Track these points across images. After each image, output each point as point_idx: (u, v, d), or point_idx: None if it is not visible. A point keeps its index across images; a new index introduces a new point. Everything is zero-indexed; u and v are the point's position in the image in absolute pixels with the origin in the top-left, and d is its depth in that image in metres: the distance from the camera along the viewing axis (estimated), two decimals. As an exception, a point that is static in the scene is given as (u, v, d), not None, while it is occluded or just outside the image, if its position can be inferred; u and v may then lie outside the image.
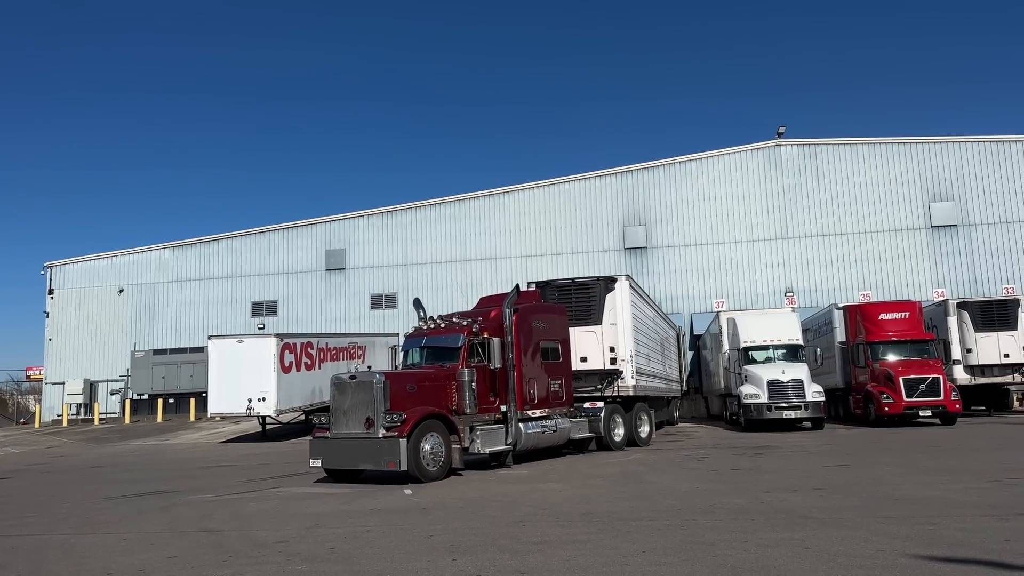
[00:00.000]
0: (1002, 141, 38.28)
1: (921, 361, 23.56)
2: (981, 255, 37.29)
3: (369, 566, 6.91)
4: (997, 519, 7.97)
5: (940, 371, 23.16)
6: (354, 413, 13.38)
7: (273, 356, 26.68)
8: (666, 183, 40.25)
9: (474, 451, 14.23)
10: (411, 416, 12.99)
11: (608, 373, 18.33)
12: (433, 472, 13.14)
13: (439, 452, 13.32)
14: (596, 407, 17.74)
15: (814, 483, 11.31)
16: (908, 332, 24.44)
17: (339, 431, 13.56)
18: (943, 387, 22.65)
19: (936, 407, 22.54)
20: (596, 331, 18.43)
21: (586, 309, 18.57)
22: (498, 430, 14.80)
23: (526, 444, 15.27)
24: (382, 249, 42.26)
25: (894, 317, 24.70)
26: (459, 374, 14.18)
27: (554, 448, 16.88)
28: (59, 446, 29.52)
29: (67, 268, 45.26)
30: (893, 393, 22.78)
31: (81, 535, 9.31)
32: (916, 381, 22.68)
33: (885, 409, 22.74)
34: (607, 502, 10.21)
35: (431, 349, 15.20)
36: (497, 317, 15.27)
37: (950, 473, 11.97)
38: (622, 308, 18.61)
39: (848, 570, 6.10)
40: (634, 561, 6.68)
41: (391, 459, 12.75)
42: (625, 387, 18.41)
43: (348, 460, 13.42)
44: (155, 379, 39.32)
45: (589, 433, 17.51)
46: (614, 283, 18.76)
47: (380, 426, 12.97)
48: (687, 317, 37.86)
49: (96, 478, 17.16)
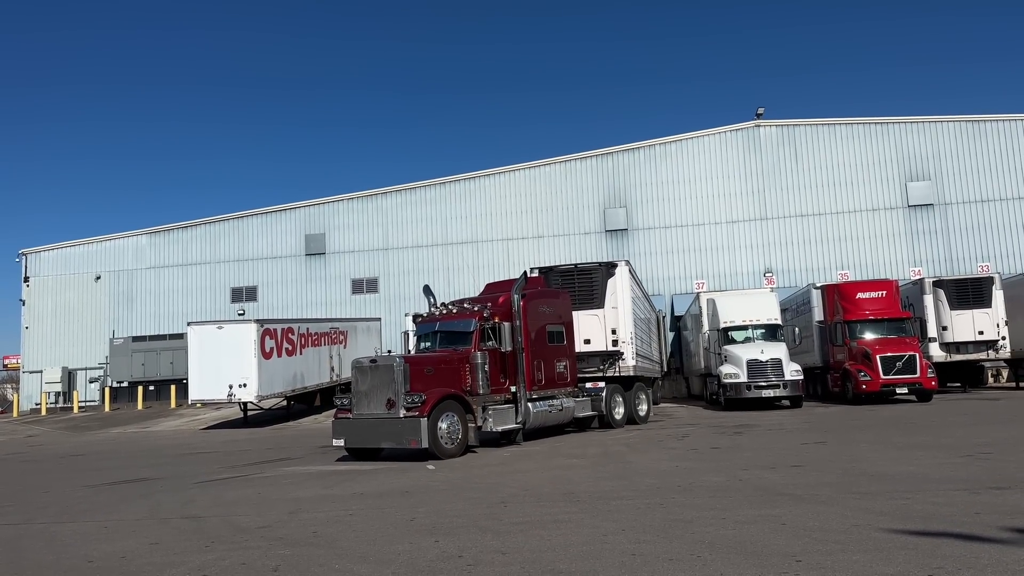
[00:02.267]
0: (978, 121, 38.67)
1: (898, 339, 23.84)
2: (957, 234, 37.76)
3: (352, 549, 6.95)
4: (969, 493, 8.13)
5: (916, 349, 23.39)
6: (375, 394, 14.13)
7: (253, 342, 26.55)
8: (646, 165, 40.32)
9: (487, 429, 15.09)
10: (430, 397, 13.78)
11: (610, 354, 19.17)
12: (451, 449, 13.90)
13: (456, 430, 14.09)
14: (598, 387, 18.63)
15: (792, 460, 11.47)
16: (885, 311, 24.66)
17: (361, 412, 14.28)
18: (919, 365, 22.92)
19: (913, 384, 22.84)
20: (598, 314, 19.22)
21: (588, 293, 19.35)
22: (508, 409, 15.61)
23: (534, 422, 16.12)
24: (363, 233, 42.08)
25: (871, 296, 24.94)
26: (472, 357, 14.99)
27: (559, 426, 17.60)
28: (38, 435, 29.28)
29: (43, 255, 44.68)
30: (870, 371, 23.03)
31: (61, 523, 9.28)
32: (893, 359, 22.93)
33: (863, 387, 22.99)
34: (589, 481, 10.31)
35: (444, 333, 15.95)
36: (505, 302, 16.08)
37: (924, 449, 12.19)
38: (622, 292, 19.43)
39: (823, 544, 6.21)
40: (614, 539, 6.76)
41: (413, 437, 13.55)
42: (626, 367, 19.27)
43: (370, 439, 14.21)
44: (135, 366, 39.03)
45: (592, 412, 18.34)
46: (615, 268, 19.54)
47: (401, 406, 13.74)
48: (668, 298, 38.08)
49: (76, 467, 17.06)
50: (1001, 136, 38.28)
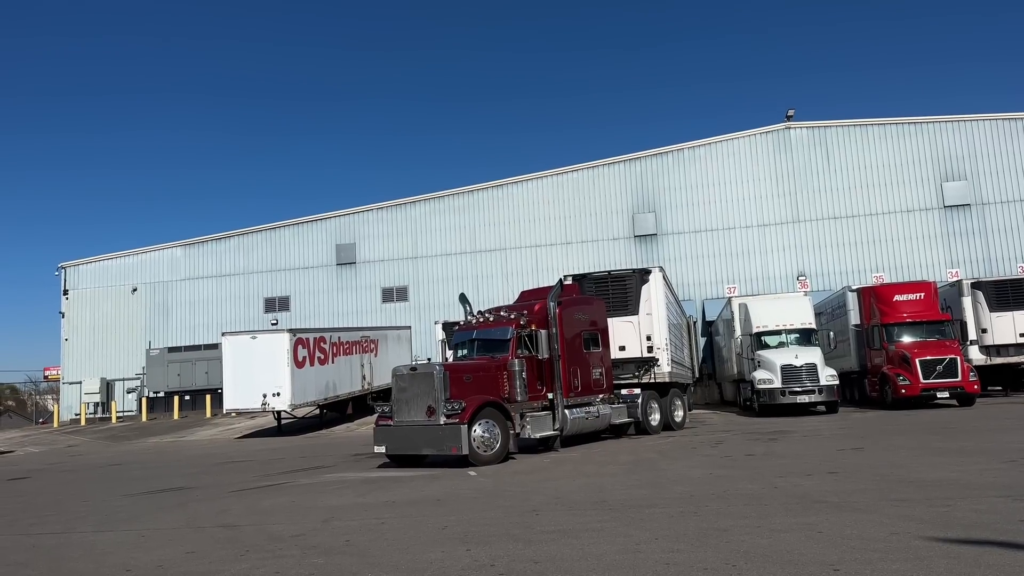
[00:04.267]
0: (1014, 119, 37.83)
1: (937, 342, 23.20)
2: (995, 234, 36.95)
3: (384, 558, 6.97)
4: (1012, 500, 7.94)
5: (957, 352, 22.75)
6: (415, 402, 14.35)
7: (286, 351, 26.81)
8: (675, 169, 40.06)
9: (525, 436, 15.16)
10: (470, 404, 14.00)
11: (645, 361, 19.20)
12: (491, 456, 14.09)
13: (495, 437, 14.28)
14: (634, 393, 18.61)
15: (828, 467, 11.29)
16: (923, 313, 24.02)
17: (401, 419, 14.52)
18: (960, 368, 22.29)
19: (954, 388, 22.18)
20: (633, 321, 19.27)
21: (623, 300, 19.40)
22: (545, 416, 15.70)
23: (571, 429, 16.17)
24: (392, 242, 42.33)
25: (909, 298, 24.31)
26: (510, 364, 15.16)
27: (595, 433, 17.61)
28: (77, 445, 29.83)
29: (81, 268, 45.60)
30: (909, 375, 22.43)
31: (100, 532, 9.43)
32: (933, 363, 22.34)
33: (902, 391, 22.40)
34: (622, 489, 10.24)
35: (481, 341, 16.11)
36: (541, 310, 16.18)
37: (965, 455, 11.92)
38: (656, 299, 19.47)
39: (862, 553, 6.10)
40: (647, 548, 6.70)
41: (453, 444, 13.76)
42: (661, 374, 19.25)
43: (411, 446, 14.43)
44: (171, 376, 39.64)
45: (628, 418, 18.31)
46: (648, 275, 19.60)
47: (441, 413, 13.94)
48: (699, 303, 37.74)
49: (114, 476, 17.34)
50: (1039, 134, 37.42)
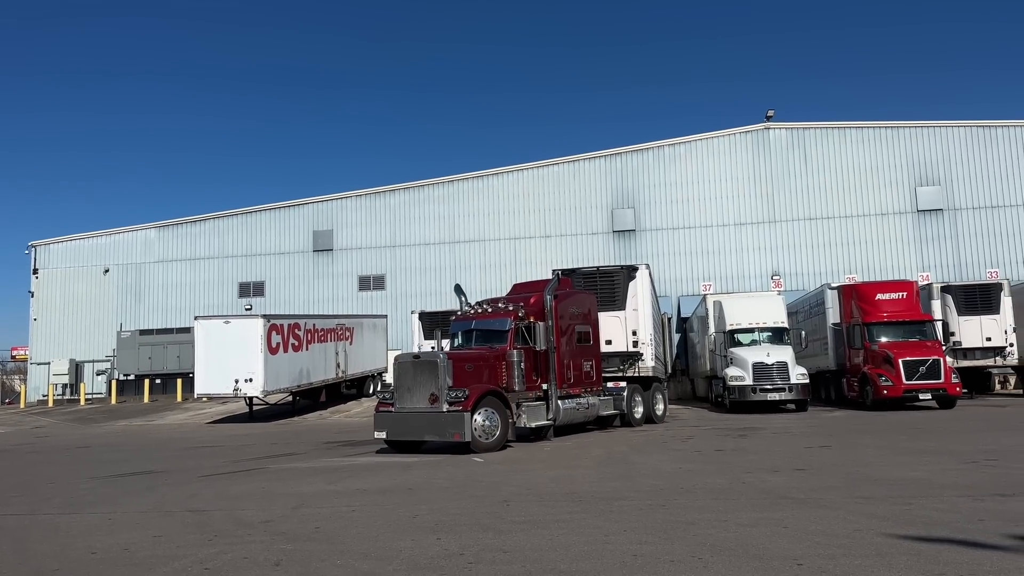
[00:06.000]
0: (988, 126, 38.48)
1: (920, 343, 22.96)
2: (966, 239, 37.59)
3: (354, 545, 6.97)
4: (972, 499, 8.10)
5: (940, 353, 22.53)
6: (418, 390, 14.58)
7: (260, 337, 26.59)
8: (655, 166, 40.25)
9: (520, 425, 15.51)
10: (473, 392, 14.34)
11: (630, 355, 19.76)
12: (489, 443, 14.36)
13: (495, 425, 14.59)
14: (619, 387, 19.13)
15: (796, 464, 11.45)
16: (906, 312, 23.76)
17: (403, 406, 14.75)
18: (943, 369, 22.06)
19: (936, 390, 21.96)
20: (620, 316, 19.81)
21: (610, 295, 19.85)
22: (540, 406, 16.06)
23: (564, 419, 16.57)
24: (370, 231, 42.14)
25: (891, 297, 24.08)
26: (509, 355, 15.53)
27: (582, 424, 17.98)
28: (45, 426, 29.43)
29: (52, 248, 44.90)
30: (892, 376, 22.17)
31: (66, 515, 9.33)
32: (916, 363, 22.07)
33: (883, 392, 22.12)
34: (592, 482, 10.32)
35: (480, 332, 16.40)
36: (537, 302, 16.59)
37: (930, 455, 12.15)
38: (643, 295, 19.98)
39: (825, 548, 6.20)
40: (616, 540, 6.77)
41: (456, 431, 14.04)
42: (645, 368, 19.86)
43: (413, 432, 14.68)
44: (141, 359, 39.20)
45: (614, 411, 18.80)
46: (636, 272, 20.17)
47: (444, 401, 14.22)
48: (674, 300, 38.02)
49: (82, 458, 17.13)
50: (1011, 142, 38.06)
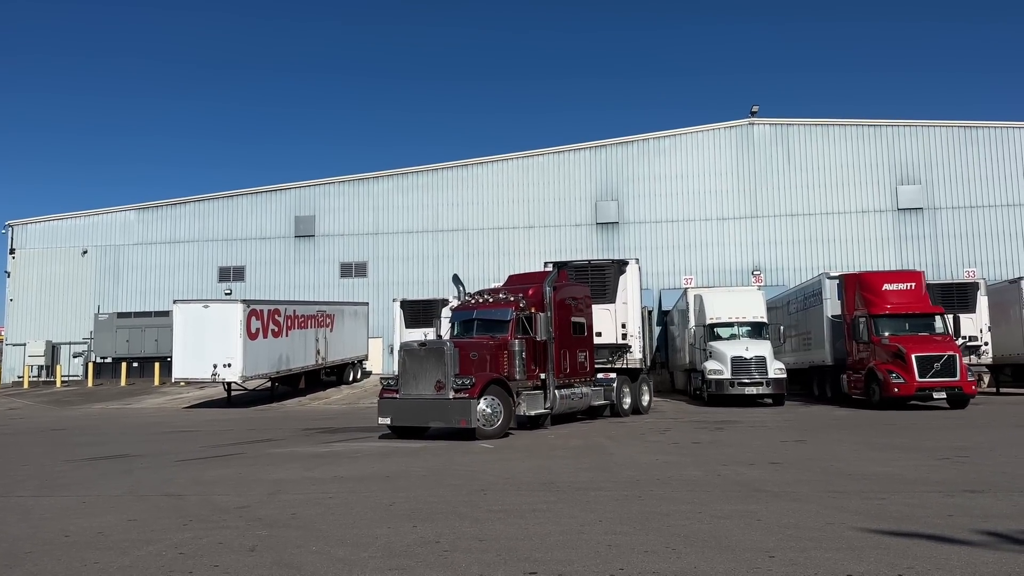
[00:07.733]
0: (969, 127, 38.86)
1: (933, 337, 21.42)
2: (945, 239, 38.00)
3: (330, 532, 6.97)
4: (943, 495, 8.23)
5: (955, 348, 20.93)
6: (424, 377, 14.80)
7: (239, 322, 26.47)
8: (639, 159, 40.32)
9: (519, 413, 15.78)
10: (479, 380, 14.64)
11: (619, 347, 20.27)
12: (491, 431, 14.68)
13: (499, 412, 14.92)
14: (610, 378, 19.66)
15: (771, 457, 11.57)
16: (915, 304, 22.18)
17: (408, 392, 14.99)
18: (959, 367, 20.52)
19: (952, 388, 20.38)
20: (610, 309, 20.24)
21: (601, 288, 20.30)
22: (538, 395, 16.43)
23: (560, 408, 17.01)
24: (353, 217, 41.92)
25: (899, 287, 22.48)
26: (510, 344, 15.90)
27: (572, 413, 18.31)
28: (19, 408, 29.14)
29: (29, 228, 44.32)
30: (904, 372, 20.46)
31: (40, 498, 9.26)
32: (930, 359, 20.45)
33: (895, 390, 20.41)
34: (569, 473, 10.37)
35: (481, 321, 16.67)
36: (536, 293, 16.86)
37: (903, 450, 12.31)
38: (632, 289, 20.57)
39: (797, 541, 6.28)
40: (591, 530, 6.82)
41: (462, 417, 14.33)
42: (633, 360, 20.44)
43: (418, 418, 15.02)
44: (119, 342, 38.87)
45: (604, 401, 19.29)
46: (626, 266, 20.80)
47: (450, 388, 14.48)
48: (656, 293, 38.16)
49: (57, 441, 17.00)
50: (991, 143, 38.48)
